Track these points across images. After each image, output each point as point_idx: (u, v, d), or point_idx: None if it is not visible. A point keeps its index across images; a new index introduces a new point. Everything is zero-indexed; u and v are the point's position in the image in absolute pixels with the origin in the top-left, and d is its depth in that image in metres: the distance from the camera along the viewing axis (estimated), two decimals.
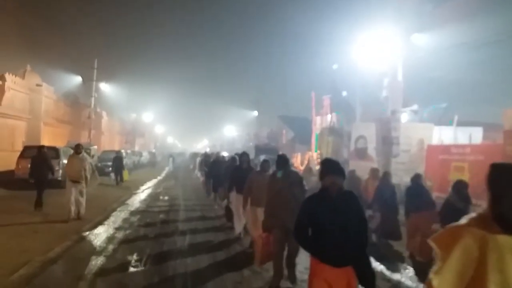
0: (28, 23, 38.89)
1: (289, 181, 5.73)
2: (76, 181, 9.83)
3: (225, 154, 22.31)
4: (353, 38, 17.62)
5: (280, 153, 6.04)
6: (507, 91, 22.17)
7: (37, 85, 27.05)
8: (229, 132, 73.57)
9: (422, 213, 7.50)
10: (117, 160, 20.30)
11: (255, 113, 53.31)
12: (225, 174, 10.90)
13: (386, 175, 9.20)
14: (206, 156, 21.22)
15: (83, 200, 9.99)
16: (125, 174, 20.97)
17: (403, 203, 8.27)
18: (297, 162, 21.62)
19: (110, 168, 24.81)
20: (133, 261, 6.60)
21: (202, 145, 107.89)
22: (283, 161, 5.92)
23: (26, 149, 17.21)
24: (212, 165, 14.09)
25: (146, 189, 18.95)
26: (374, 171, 10.32)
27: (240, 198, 7.98)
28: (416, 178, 8.20)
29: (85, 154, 10.34)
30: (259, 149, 26.40)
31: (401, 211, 8.51)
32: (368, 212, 8.33)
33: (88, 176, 10.04)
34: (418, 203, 7.62)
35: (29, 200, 12.15)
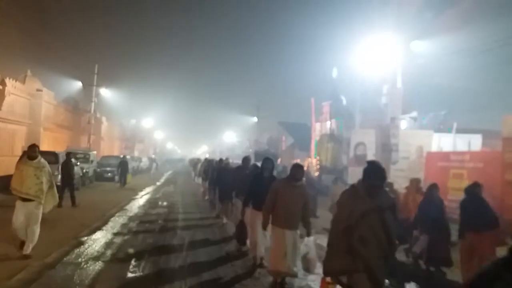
0: (29, 28, 39.02)
1: (378, 202, 3.76)
2: (28, 200, 6.82)
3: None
4: (353, 45, 17.70)
5: (372, 159, 4.39)
6: (506, 98, 22.23)
7: (38, 90, 27.06)
8: (229, 138, 73.62)
9: (483, 233, 6.17)
10: (123, 165, 22.19)
11: (255, 119, 53.35)
12: (235, 184, 9.13)
13: (433, 187, 7.61)
14: (209, 162, 19.12)
15: (36, 228, 6.74)
16: (129, 177, 22.57)
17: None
18: None
19: (109, 174, 25.26)
20: (131, 267, 6.58)
21: (202, 151, 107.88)
22: (379, 171, 3.79)
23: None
24: (219, 173, 11.73)
25: (145, 194, 18.91)
26: (416, 182, 8.84)
27: (258, 216, 6.42)
28: (474, 189, 6.66)
29: (42, 161, 7.09)
30: (258, 155, 26.38)
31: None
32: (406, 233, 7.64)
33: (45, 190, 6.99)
34: (479, 221, 6.18)
35: None
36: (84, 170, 19.99)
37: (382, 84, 15.31)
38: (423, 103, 20.21)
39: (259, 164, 9.14)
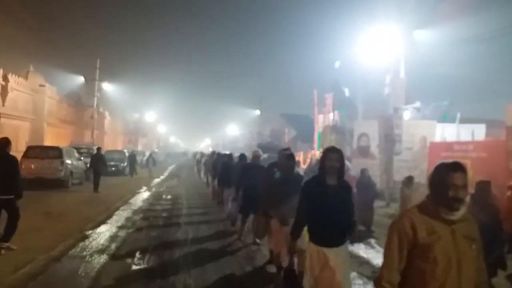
0: (31, 23, 39.01)
1: None
2: None
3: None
4: (355, 35, 17.61)
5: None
6: (510, 87, 22.08)
7: (40, 85, 27.14)
8: (232, 131, 73.72)
9: None
10: (132, 158, 26.63)
11: (258, 111, 53.33)
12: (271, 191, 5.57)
13: None
14: (218, 155, 15.25)
15: None
16: (138, 169, 26.79)
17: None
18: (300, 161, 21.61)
19: (113, 168, 25.39)
20: (135, 259, 6.62)
21: (205, 145, 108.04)
22: None
23: (30, 149, 17.27)
24: (244, 174, 7.96)
25: (150, 187, 18.98)
26: None
27: (321, 258, 3.69)
28: None
29: None
30: (261, 148, 26.39)
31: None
32: None
33: None
34: None
35: (32, 200, 12.22)
36: (88, 165, 20.06)
37: (384, 74, 15.22)
38: (426, 93, 20.12)
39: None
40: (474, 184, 5.88)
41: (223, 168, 10.97)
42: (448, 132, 14.90)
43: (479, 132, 14.31)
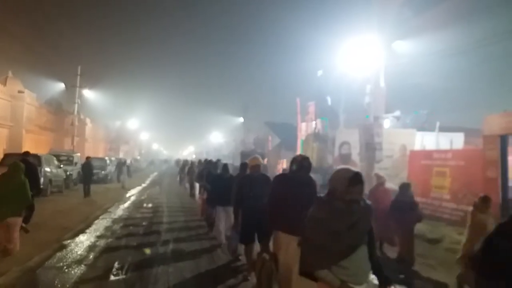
0: (10, 29, 38.41)
1: None
2: None
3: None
4: (337, 45, 17.82)
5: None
6: (487, 97, 22.65)
7: (19, 91, 26.67)
8: (216, 139, 73.54)
9: None
10: (120, 165, 27.59)
11: (241, 119, 53.41)
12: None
13: None
14: (208, 163, 13.49)
15: None
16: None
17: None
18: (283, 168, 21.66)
19: (94, 176, 24.82)
20: (114, 270, 6.50)
21: (188, 152, 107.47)
22: None
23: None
24: (244, 187, 6.02)
25: (130, 196, 18.75)
26: None
27: None
28: None
29: None
30: (245, 155, 26.35)
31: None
32: None
33: None
34: None
35: None
36: (68, 173, 19.72)
37: (365, 84, 15.45)
38: (406, 103, 20.49)
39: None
40: None
41: (214, 183, 8.90)
42: (427, 141, 15.17)
43: (457, 140, 14.61)
